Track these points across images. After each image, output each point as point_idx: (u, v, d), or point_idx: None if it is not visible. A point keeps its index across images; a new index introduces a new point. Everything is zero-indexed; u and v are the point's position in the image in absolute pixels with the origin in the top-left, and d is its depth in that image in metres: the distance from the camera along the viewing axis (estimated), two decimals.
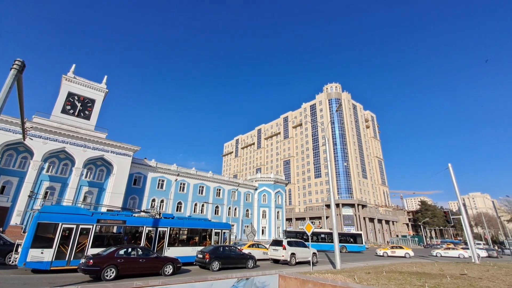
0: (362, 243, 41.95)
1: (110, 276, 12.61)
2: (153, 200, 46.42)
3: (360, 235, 43.92)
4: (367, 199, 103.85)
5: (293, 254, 21.55)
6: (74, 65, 41.28)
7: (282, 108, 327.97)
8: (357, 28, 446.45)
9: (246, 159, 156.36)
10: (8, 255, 15.73)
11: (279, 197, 64.68)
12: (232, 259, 18.53)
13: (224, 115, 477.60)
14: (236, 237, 52.19)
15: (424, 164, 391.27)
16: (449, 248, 38.41)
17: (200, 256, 17.65)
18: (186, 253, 19.50)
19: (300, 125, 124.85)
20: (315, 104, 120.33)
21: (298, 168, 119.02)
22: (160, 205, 46.65)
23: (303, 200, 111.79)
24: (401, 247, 38.04)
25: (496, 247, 56.07)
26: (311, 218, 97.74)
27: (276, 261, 22.75)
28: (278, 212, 63.25)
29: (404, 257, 33.83)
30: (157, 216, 19.88)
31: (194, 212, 50.69)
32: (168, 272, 14.58)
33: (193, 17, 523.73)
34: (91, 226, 16.03)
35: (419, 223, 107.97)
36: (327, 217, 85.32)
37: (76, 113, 39.65)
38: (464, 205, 27.18)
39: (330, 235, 40.30)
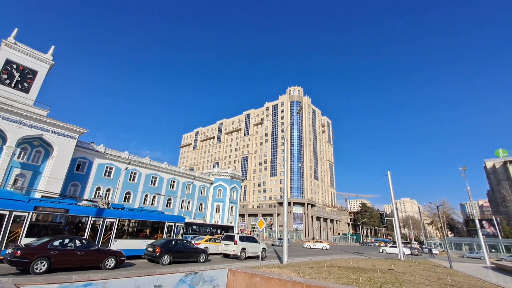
0: None
1: (41, 269, 11.39)
2: (98, 189, 42.68)
3: (232, 227, 43.58)
4: (316, 199, 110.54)
5: (243, 249, 21.92)
6: (16, 29, 35.41)
7: (245, 105, 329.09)
8: (327, 35, 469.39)
9: (205, 152, 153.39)
10: None
11: (234, 193, 64.99)
12: (183, 253, 18.27)
13: (185, 105, 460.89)
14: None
15: (368, 169, 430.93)
16: (317, 242, 50.87)
17: (150, 249, 17.01)
18: (134, 246, 18.71)
19: (261, 123, 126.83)
20: (277, 104, 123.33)
21: (255, 165, 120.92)
22: (106, 194, 43.12)
23: (257, 197, 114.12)
24: (321, 241, 52.01)
25: (418, 246, 64.74)
26: (263, 215, 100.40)
27: (226, 256, 22.92)
28: (232, 207, 63.54)
29: (322, 249, 45.31)
30: (105, 206, 18.62)
31: (144, 203, 48.07)
32: (110, 266, 13.71)
33: (161, 1, 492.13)
34: (26, 214, 14.53)
35: (359, 223, 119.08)
36: (278, 214, 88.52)
37: (13, 84, 34.11)
38: (396, 208, 30.81)
39: (204, 226, 40.20)
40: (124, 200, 45.47)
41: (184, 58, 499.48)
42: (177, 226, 22.29)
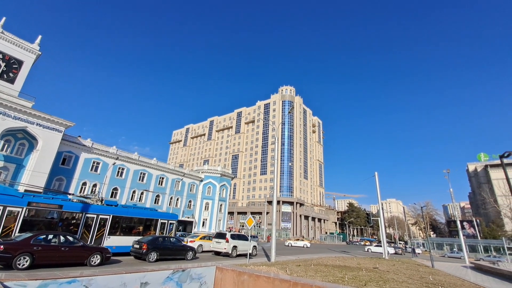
0: (191, 231, 39.69)
1: (23, 265, 11.27)
2: (84, 184, 41.67)
3: (191, 222, 42.97)
4: (305, 198, 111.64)
5: (235, 247, 22.24)
6: (4, 18, 34.10)
7: (236, 103, 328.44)
8: (320, 37, 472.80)
9: (195, 149, 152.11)
10: None
11: (224, 191, 64.84)
12: (171, 251, 18.22)
13: (176, 102, 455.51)
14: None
15: (356, 170, 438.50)
16: (298, 240, 50.36)
17: (137, 246, 16.92)
18: (128, 243, 18.78)
19: (253, 121, 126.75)
20: (269, 103, 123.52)
21: (245, 163, 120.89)
22: (93, 189, 42.19)
23: (246, 195, 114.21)
24: (302, 240, 51.55)
25: (402, 246, 66.52)
26: (252, 213, 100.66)
27: (217, 253, 23.13)
28: (221, 205, 63.40)
29: (303, 247, 45.61)
30: (99, 203, 18.82)
31: (131, 199, 47.28)
32: (95, 262, 13.58)
33: None
34: (20, 209, 14.57)
35: (346, 222, 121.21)
36: (267, 213, 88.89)
37: None
38: (382, 209, 31.51)
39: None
40: (111, 196, 44.60)
41: (175, 54, 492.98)
42: (170, 223, 22.47)
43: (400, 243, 71.57)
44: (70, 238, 13.51)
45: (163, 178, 54.09)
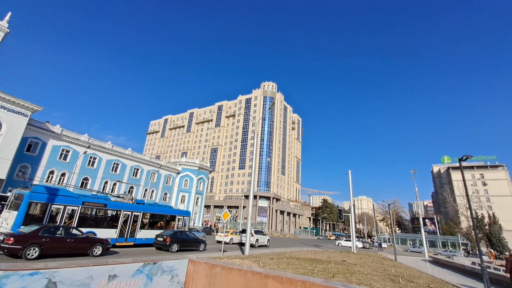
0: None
1: (32, 255, 12.01)
2: (52, 172, 39.29)
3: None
4: (281, 193, 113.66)
5: (257, 240, 28.64)
6: None
7: (218, 95, 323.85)
8: (300, 37, 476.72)
9: (173, 141, 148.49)
10: None
11: (201, 184, 64.21)
12: (187, 243, 20.71)
13: (155, 91, 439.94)
14: None
15: (331, 168, 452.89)
16: (234, 234, 52.59)
17: (160, 239, 19.25)
18: (152, 236, 21.13)
19: (233, 116, 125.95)
20: (250, 98, 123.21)
21: (224, 157, 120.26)
22: (61, 179, 39.90)
23: (224, 189, 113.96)
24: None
25: (369, 240, 70.28)
26: (229, 207, 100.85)
27: (242, 244, 26.93)
28: (198, 198, 62.81)
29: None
30: (131, 202, 21.74)
31: (103, 190, 45.33)
32: (97, 253, 14.48)
33: None
34: (77, 208, 17.09)
35: (319, 218, 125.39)
36: (244, 207, 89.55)
37: None
38: (354, 205, 33.04)
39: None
40: (81, 186, 42.48)
41: (157, 44, 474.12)
42: (185, 219, 25.26)
43: (372, 238, 75.33)
44: (74, 231, 14.34)
45: (138, 169, 52.41)
